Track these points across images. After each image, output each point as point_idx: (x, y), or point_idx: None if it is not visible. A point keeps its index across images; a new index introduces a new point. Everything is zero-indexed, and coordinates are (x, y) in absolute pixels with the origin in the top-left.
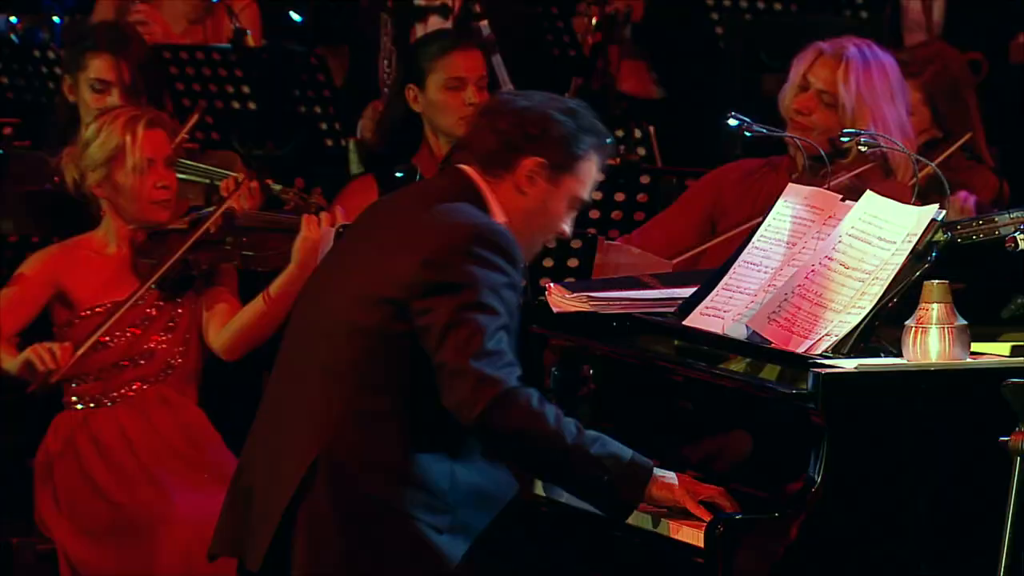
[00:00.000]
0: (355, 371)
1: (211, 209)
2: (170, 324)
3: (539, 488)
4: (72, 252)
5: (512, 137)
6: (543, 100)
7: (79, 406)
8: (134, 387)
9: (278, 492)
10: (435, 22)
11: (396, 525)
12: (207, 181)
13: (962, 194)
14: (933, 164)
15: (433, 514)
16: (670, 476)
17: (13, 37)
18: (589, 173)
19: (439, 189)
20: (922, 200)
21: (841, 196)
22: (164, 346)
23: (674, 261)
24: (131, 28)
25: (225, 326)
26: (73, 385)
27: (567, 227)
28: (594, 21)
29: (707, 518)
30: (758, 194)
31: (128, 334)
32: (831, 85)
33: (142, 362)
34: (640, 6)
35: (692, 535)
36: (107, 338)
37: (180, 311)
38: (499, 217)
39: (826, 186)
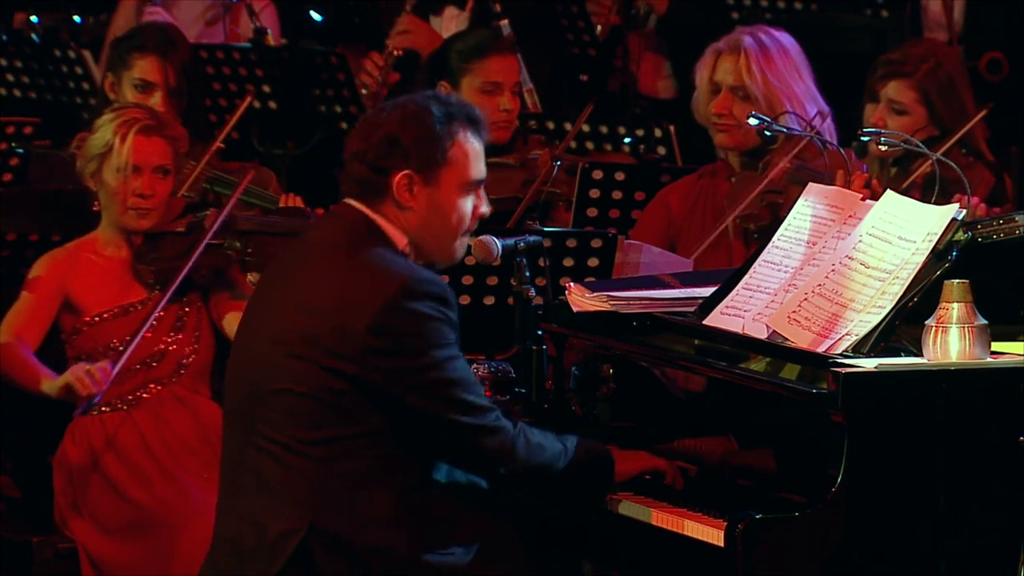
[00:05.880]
0: (323, 438)
1: (207, 212)
2: (178, 324)
3: None
4: (75, 256)
5: (371, 159)
6: (393, 108)
7: (94, 412)
8: (149, 389)
9: (270, 560)
10: (450, 13)
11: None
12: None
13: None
14: (936, 155)
15: (433, 547)
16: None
17: (34, 36)
18: (465, 153)
19: (338, 233)
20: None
21: (862, 196)
22: (175, 346)
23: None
24: (177, 32)
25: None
26: None
27: (484, 207)
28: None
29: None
30: (707, 201)
31: (139, 338)
32: (738, 79)
33: (154, 364)
34: (664, 3)
35: (713, 535)
36: (119, 343)
37: (187, 309)
38: (400, 241)
39: (768, 175)
